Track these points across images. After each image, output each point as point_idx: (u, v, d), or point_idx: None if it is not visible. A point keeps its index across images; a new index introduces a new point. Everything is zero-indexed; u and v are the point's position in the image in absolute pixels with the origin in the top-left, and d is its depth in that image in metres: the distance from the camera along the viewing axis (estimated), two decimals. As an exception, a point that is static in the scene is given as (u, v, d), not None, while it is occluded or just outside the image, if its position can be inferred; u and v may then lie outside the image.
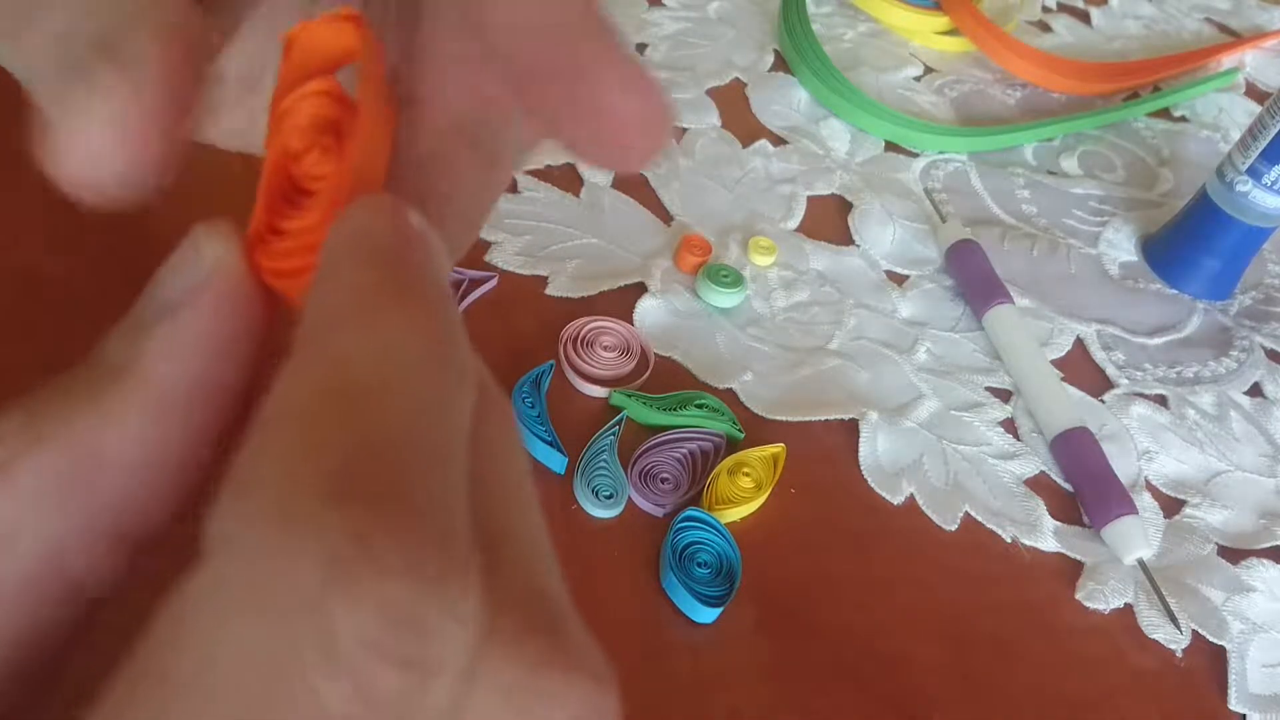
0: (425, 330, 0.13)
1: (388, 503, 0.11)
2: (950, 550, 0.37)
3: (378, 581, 0.10)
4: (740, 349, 0.42)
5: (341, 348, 0.12)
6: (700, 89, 0.54)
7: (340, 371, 0.12)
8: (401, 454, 0.11)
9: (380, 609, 0.10)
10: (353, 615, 0.10)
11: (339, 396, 0.12)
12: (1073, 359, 0.46)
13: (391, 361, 0.12)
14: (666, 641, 0.32)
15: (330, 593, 0.10)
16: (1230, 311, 0.51)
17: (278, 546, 0.10)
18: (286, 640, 0.10)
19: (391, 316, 0.12)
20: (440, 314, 0.13)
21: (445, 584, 0.11)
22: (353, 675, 0.10)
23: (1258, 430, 0.45)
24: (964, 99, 0.60)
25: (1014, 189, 0.54)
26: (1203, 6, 0.75)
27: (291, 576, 0.10)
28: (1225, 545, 0.40)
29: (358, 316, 0.12)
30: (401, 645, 0.10)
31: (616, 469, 0.36)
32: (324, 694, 0.10)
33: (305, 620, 0.10)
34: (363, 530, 0.10)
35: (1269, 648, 0.37)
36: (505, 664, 0.12)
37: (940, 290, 0.47)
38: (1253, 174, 0.47)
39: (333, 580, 0.10)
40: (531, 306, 0.41)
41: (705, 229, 0.46)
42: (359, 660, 0.10)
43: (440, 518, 0.11)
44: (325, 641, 0.10)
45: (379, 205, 0.14)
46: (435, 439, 0.12)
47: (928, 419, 0.41)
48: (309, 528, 0.10)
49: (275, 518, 0.10)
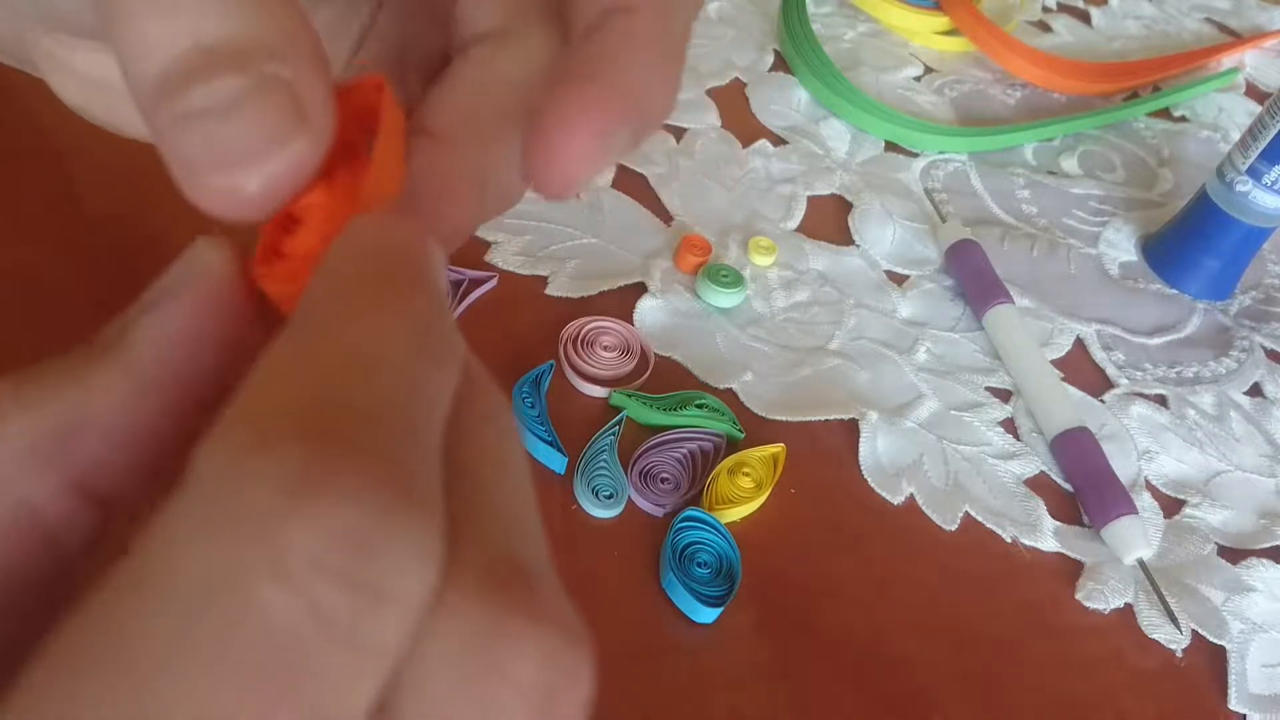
0: (409, 318, 0.13)
1: (352, 443, 0.11)
2: (950, 550, 0.37)
3: (332, 503, 0.11)
4: (740, 349, 0.42)
5: (328, 326, 0.13)
6: (700, 89, 0.54)
7: (324, 343, 0.13)
8: (372, 412, 0.12)
9: (331, 530, 0.11)
10: (304, 534, 0.11)
11: (320, 362, 0.13)
12: (1073, 359, 0.46)
13: (373, 340, 0.13)
14: (666, 641, 0.32)
15: (284, 511, 0.11)
16: (1230, 311, 0.51)
17: (242, 472, 0.11)
18: (240, 554, 0.10)
19: (378, 305, 0.13)
20: (426, 307, 0.14)
21: (400, 516, 0.11)
22: (302, 592, 0.10)
23: (1258, 430, 0.45)
24: (964, 99, 0.60)
25: (1014, 189, 0.54)
26: (1203, 6, 0.75)
27: (250, 497, 0.11)
28: (1225, 545, 0.40)
29: (346, 303, 0.13)
30: (351, 568, 0.11)
31: (616, 469, 0.36)
32: (273, 607, 0.10)
33: (259, 536, 0.10)
34: (323, 459, 0.11)
35: (1269, 648, 0.37)
36: (473, 611, 0.12)
37: (940, 290, 0.47)
38: (1253, 174, 0.47)
39: (288, 500, 0.11)
40: (531, 306, 0.41)
41: (705, 229, 0.46)
42: (308, 578, 0.10)
43: (403, 464, 0.12)
44: (276, 557, 0.10)
45: (376, 219, 0.15)
46: (407, 409, 0.13)
47: (928, 419, 0.41)
48: (273, 455, 0.11)
49: (244, 447, 0.11)
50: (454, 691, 0.12)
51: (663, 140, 0.50)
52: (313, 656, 0.11)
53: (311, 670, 0.11)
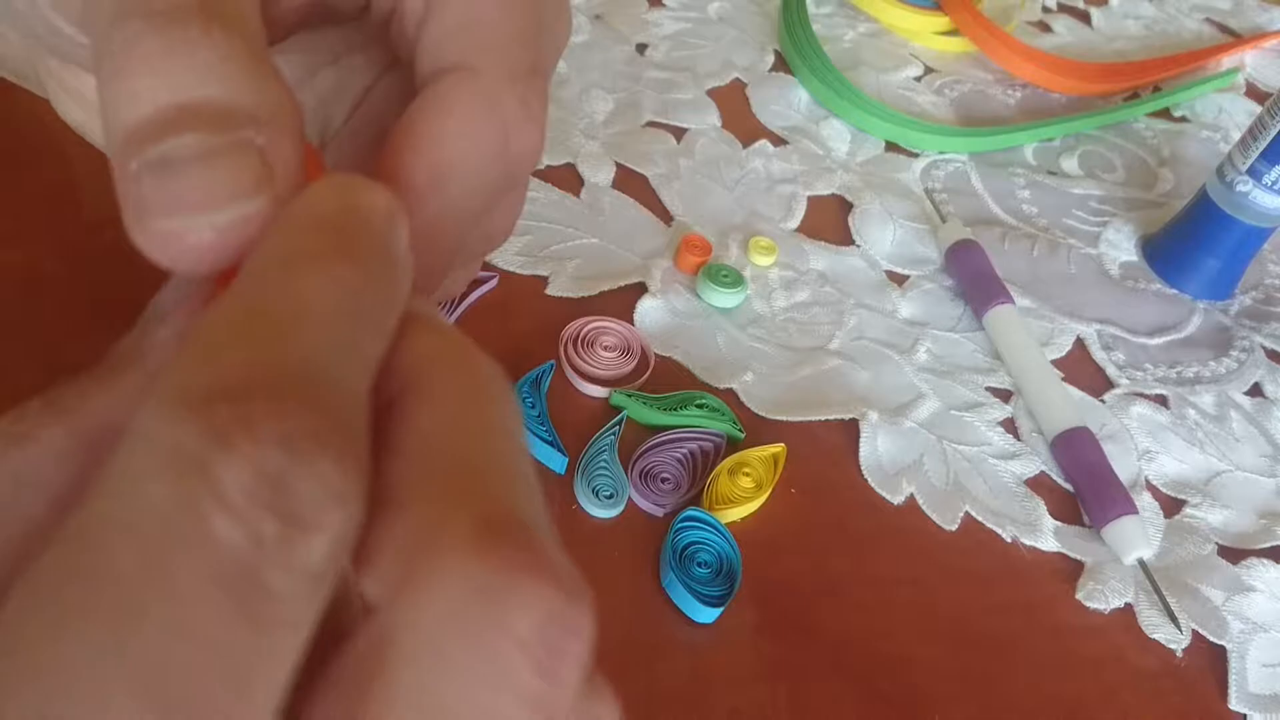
0: (341, 280, 0.14)
1: (269, 391, 0.13)
2: (950, 550, 0.37)
3: (253, 446, 0.12)
4: (740, 349, 0.42)
5: (262, 287, 0.14)
6: (700, 89, 0.54)
7: (255, 301, 0.14)
8: (294, 365, 0.13)
9: (255, 467, 0.12)
10: (233, 472, 0.12)
11: (248, 319, 0.13)
12: (1073, 359, 0.46)
13: (304, 300, 0.14)
14: (666, 641, 0.32)
15: (215, 454, 0.12)
16: (1230, 311, 0.51)
17: (179, 422, 0.12)
18: (187, 490, 0.12)
19: (313, 266, 0.14)
20: (365, 269, 0.15)
21: (314, 458, 0.12)
22: (243, 520, 0.12)
23: (1258, 430, 0.45)
24: (964, 99, 0.60)
25: (1014, 189, 0.54)
26: (1203, 6, 0.75)
27: (185, 447, 0.12)
28: (1225, 545, 0.40)
29: (284, 264, 0.14)
30: (275, 500, 0.12)
31: (617, 469, 0.36)
32: (221, 532, 0.12)
33: (196, 477, 0.12)
34: (244, 411, 0.12)
35: (1269, 648, 0.37)
36: (470, 565, 0.13)
37: (940, 290, 0.47)
38: (1253, 174, 0.47)
39: (216, 445, 0.12)
40: (531, 306, 0.41)
41: (705, 229, 0.46)
42: (245, 507, 0.12)
43: (321, 413, 0.13)
44: (218, 491, 0.12)
45: (339, 180, 0.16)
46: (332, 367, 0.14)
47: (928, 419, 0.41)
48: (201, 411, 0.12)
49: (177, 402, 0.12)
50: (455, 645, 0.13)
51: (663, 140, 0.50)
52: (262, 575, 0.12)
53: (262, 588, 0.12)
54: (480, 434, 0.15)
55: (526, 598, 0.13)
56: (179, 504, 0.12)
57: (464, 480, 0.14)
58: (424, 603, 0.13)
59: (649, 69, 0.54)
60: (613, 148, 0.49)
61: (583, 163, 0.47)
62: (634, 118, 0.51)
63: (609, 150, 0.48)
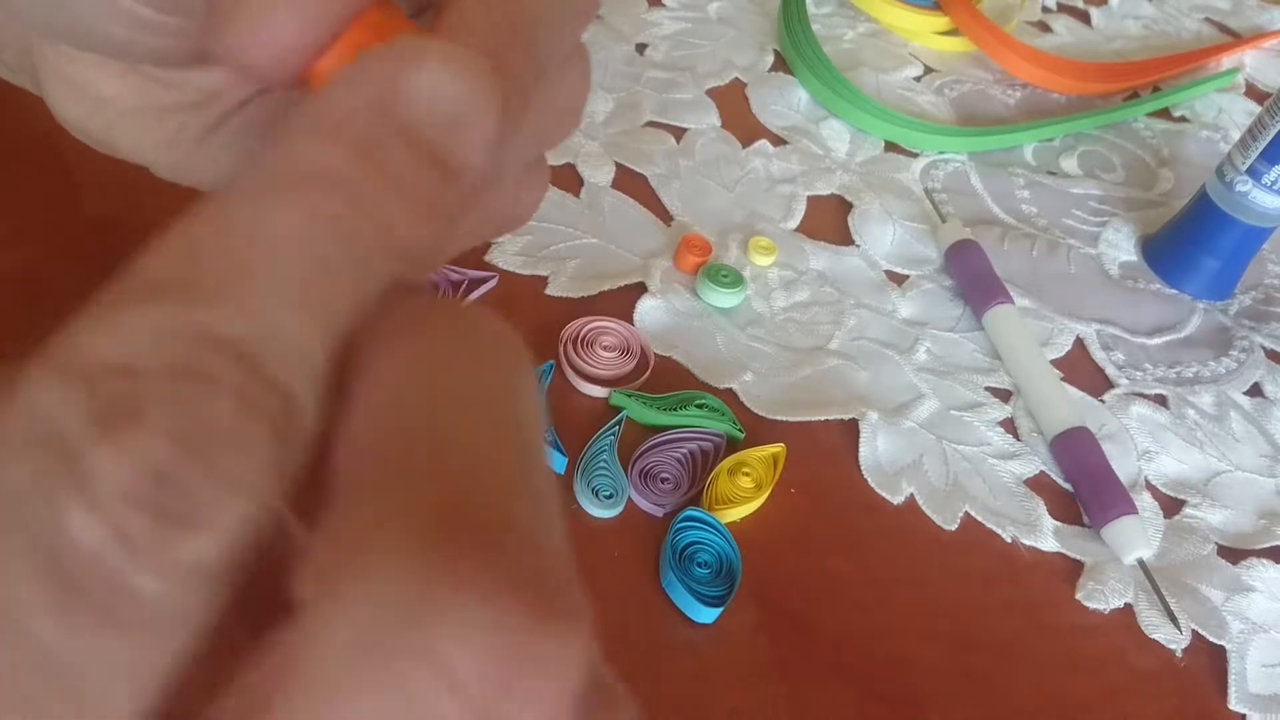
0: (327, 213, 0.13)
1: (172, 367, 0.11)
2: (950, 550, 0.37)
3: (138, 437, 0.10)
4: (740, 349, 0.42)
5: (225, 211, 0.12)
6: (700, 89, 0.54)
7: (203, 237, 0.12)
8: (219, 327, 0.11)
9: (135, 463, 0.10)
10: (109, 465, 0.10)
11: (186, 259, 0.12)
12: (1073, 359, 0.46)
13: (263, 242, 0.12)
14: (666, 641, 0.32)
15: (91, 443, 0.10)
16: (1230, 311, 0.51)
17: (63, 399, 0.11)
18: (43, 482, 0.10)
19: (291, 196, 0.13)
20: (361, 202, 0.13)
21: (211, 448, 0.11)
22: (107, 518, 0.10)
23: (1258, 430, 0.45)
24: (964, 99, 0.60)
25: (1014, 189, 0.54)
26: (1203, 6, 0.75)
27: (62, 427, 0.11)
28: (1225, 545, 0.40)
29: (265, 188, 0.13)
30: (153, 496, 0.10)
31: (616, 469, 0.36)
32: (75, 532, 0.10)
33: (64, 465, 0.10)
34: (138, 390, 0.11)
35: (1269, 648, 0.37)
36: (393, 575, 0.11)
37: (940, 290, 0.47)
38: (1253, 174, 0.47)
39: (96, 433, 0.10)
40: (531, 306, 0.41)
41: (705, 229, 0.46)
42: (113, 505, 0.10)
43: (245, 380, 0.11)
44: (81, 484, 0.10)
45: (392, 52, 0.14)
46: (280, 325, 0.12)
47: (928, 419, 0.41)
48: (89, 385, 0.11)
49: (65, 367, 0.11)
50: (365, 673, 0.10)
51: (663, 140, 0.50)
52: (125, 577, 0.10)
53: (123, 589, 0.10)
54: (447, 408, 0.13)
55: (463, 617, 0.10)
56: (35, 490, 0.10)
57: (417, 464, 0.12)
58: (340, 616, 0.10)
59: (649, 69, 0.54)
60: (612, 148, 0.49)
61: (582, 162, 0.47)
62: (634, 118, 0.51)
63: (609, 150, 0.48)
